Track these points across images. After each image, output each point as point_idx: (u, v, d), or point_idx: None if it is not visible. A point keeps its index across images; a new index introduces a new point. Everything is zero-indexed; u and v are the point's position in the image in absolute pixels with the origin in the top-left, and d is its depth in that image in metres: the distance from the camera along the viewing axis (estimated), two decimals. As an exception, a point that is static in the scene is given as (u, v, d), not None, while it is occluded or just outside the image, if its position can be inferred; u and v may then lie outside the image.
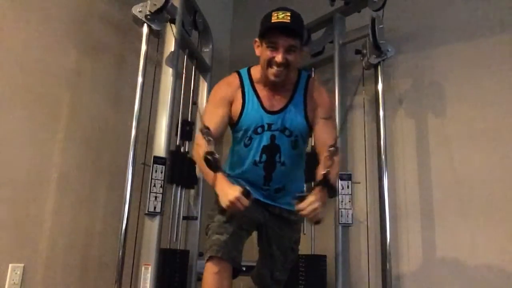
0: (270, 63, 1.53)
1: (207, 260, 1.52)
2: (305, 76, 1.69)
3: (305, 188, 1.97)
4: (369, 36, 2.26)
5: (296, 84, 1.65)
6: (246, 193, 1.40)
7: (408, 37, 2.61)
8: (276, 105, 1.62)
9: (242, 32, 3.56)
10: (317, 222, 1.47)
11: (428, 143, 2.43)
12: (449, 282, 2.23)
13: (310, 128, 1.66)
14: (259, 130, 1.61)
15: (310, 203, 1.40)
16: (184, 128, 2.55)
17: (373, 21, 2.22)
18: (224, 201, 1.41)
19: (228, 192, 1.40)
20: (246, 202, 1.38)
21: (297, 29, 1.51)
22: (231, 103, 1.63)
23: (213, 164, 1.41)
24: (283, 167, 1.64)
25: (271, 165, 1.63)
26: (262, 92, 1.63)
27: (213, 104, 1.64)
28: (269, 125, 1.61)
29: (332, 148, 1.47)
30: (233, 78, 1.67)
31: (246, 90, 1.64)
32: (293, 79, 1.65)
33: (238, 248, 1.59)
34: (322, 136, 1.62)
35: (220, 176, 1.46)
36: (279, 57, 1.50)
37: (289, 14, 1.48)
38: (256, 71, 1.66)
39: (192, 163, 2.53)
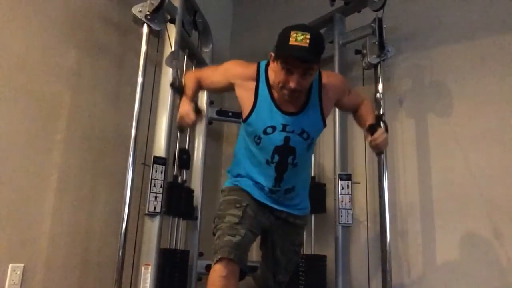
0: (284, 85, 1.47)
1: (217, 261, 1.48)
2: (317, 74, 1.62)
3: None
4: (371, 35, 2.28)
5: (310, 87, 1.60)
6: (196, 110, 1.69)
7: (408, 37, 2.61)
8: (292, 106, 1.58)
9: (242, 32, 3.55)
10: (381, 152, 1.84)
11: (428, 143, 2.43)
12: (449, 282, 2.23)
13: (325, 125, 1.68)
14: (269, 130, 1.58)
15: (381, 133, 1.67)
16: (182, 157, 2.48)
17: (380, 20, 2.23)
18: (178, 116, 1.70)
19: (182, 108, 1.71)
20: (193, 116, 1.66)
21: (315, 56, 1.43)
22: (231, 83, 1.67)
23: (178, 88, 1.87)
24: (295, 168, 1.64)
25: (283, 166, 1.62)
26: (273, 92, 1.59)
27: (219, 69, 1.74)
28: (284, 126, 1.58)
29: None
30: (251, 68, 1.63)
31: (260, 86, 1.60)
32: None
33: (247, 251, 1.58)
34: (354, 102, 1.80)
35: (183, 98, 1.79)
36: (293, 83, 1.44)
37: (308, 36, 1.37)
38: (272, 71, 1.57)
39: (190, 193, 2.47)
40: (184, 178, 2.49)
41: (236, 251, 1.48)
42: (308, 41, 1.38)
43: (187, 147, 2.59)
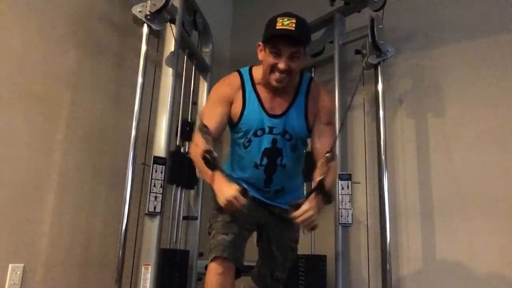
0: (272, 69, 1.51)
1: (212, 260, 1.51)
2: (307, 79, 1.68)
3: (304, 187, 1.99)
4: (368, 36, 2.26)
5: (297, 87, 1.64)
6: (243, 192, 1.39)
7: (408, 37, 2.61)
8: (278, 108, 1.61)
9: (242, 32, 3.56)
10: (312, 228, 1.49)
11: (428, 143, 2.43)
12: (449, 282, 2.23)
13: (309, 132, 1.65)
14: (259, 132, 1.60)
15: (304, 211, 1.42)
16: (184, 129, 2.54)
17: (372, 21, 2.21)
18: (221, 200, 1.40)
19: (226, 190, 1.40)
20: (243, 200, 1.38)
21: (301, 37, 1.49)
22: (230, 103, 1.61)
23: (211, 162, 1.39)
24: (284, 169, 1.64)
25: (272, 168, 1.62)
26: (263, 93, 1.61)
27: (212, 103, 1.64)
28: (271, 128, 1.59)
29: (328, 155, 1.46)
30: (234, 78, 1.65)
31: (247, 91, 1.61)
32: (295, 82, 1.63)
33: (242, 248, 1.59)
34: (320, 143, 1.62)
35: (218, 174, 1.45)
36: (282, 64, 1.48)
37: (294, 21, 1.46)
38: (257, 72, 1.63)
39: (192, 163, 2.51)
40: (186, 150, 2.51)
41: (230, 249, 1.50)
42: (294, 25, 1.45)
43: (189, 119, 2.62)
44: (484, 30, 2.36)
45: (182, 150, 2.48)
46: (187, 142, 2.55)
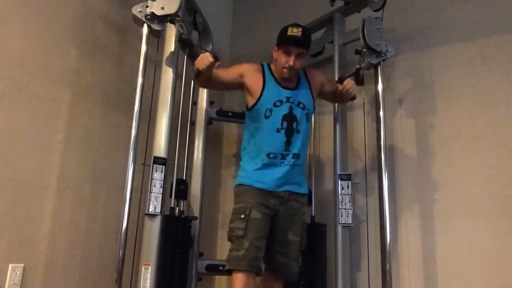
0: (284, 65, 1.99)
1: (233, 270, 1.83)
2: (302, 68, 2.13)
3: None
4: (360, 39, 2.25)
5: (298, 75, 2.11)
6: (214, 56, 1.84)
7: (408, 37, 2.61)
8: (289, 85, 2.07)
9: (242, 32, 3.55)
10: (352, 98, 2.20)
11: (428, 143, 2.43)
12: (449, 282, 2.23)
13: (314, 107, 2.13)
14: (278, 103, 2.02)
15: (349, 81, 2.11)
16: (179, 188, 2.47)
17: (363, 23, 2.21)
18: (198, 59, 1.89)
19: (201, 54, 1.92)
20: (210, 59, 1.84)
21: (306, 41, 2.01)
22: (241, 75, 2.05)
23: (187, 42, 2.13)
24: (299, 135, 2.02)
25: (290, 131, 2.01)
26: (276, 77, 2.08)
27: (232, 68, 2.11)
28: (288, 98, 2.04)
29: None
30: (257, 65, 2.12)
31: (266, 74, 2.08)
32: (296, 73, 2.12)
33: (258, 255, 1.85)
34: (336, 86, 2.24)
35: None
36: (291, 62, 1.97)
37: (300, 29, 1.97)
38: (274, 64, 2.10)
39: (187, 223, 2.44)
40: (181, 209, 2.46)
41: (243, 261, 1.80)
42: (300, 32, 1.96)
43: (184, 177, 2.58)
44: (484, 30, 2.36)
45: (177, 212, 2.40)
46: (182, 201, 2.48)
